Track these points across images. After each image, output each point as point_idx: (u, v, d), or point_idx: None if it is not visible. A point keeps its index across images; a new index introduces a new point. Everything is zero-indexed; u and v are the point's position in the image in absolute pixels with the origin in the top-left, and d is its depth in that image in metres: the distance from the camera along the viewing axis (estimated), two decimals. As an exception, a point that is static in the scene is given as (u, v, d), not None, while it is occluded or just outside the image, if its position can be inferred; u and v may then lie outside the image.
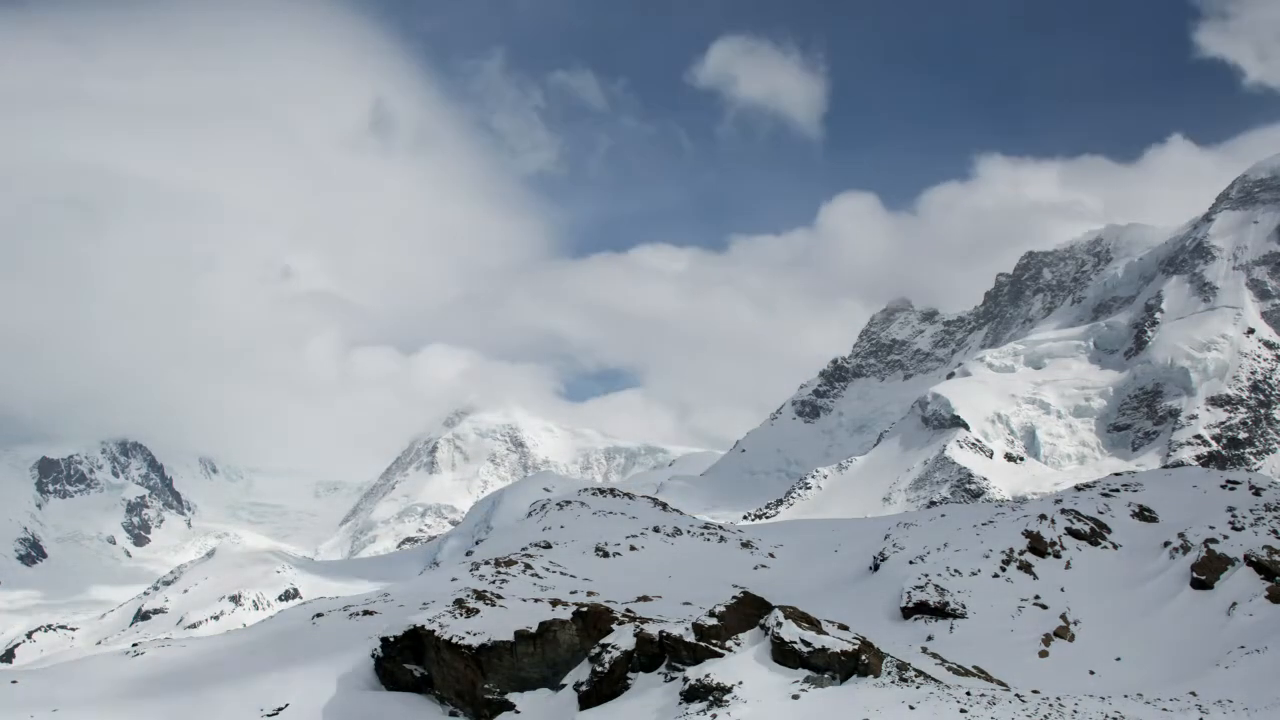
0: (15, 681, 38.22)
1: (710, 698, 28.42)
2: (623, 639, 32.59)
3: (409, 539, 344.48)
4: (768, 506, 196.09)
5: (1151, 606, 38.47)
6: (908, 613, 39.36)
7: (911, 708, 25.71)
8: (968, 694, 27.10)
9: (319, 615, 42.78)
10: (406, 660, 34.82)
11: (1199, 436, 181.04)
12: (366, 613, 41.78)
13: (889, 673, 29.17)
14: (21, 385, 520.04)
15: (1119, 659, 34.92)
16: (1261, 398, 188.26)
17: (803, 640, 29.38)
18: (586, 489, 69.84)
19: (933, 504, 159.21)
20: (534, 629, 33.72)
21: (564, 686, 33.05)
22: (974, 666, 33.16)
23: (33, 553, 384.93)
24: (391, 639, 35.13)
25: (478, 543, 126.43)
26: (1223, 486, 49.30)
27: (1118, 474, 61.26)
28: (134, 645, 43.86)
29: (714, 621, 31.57)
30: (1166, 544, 42.27)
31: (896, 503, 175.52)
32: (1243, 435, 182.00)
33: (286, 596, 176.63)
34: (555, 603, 35.83)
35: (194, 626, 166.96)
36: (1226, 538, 40.74)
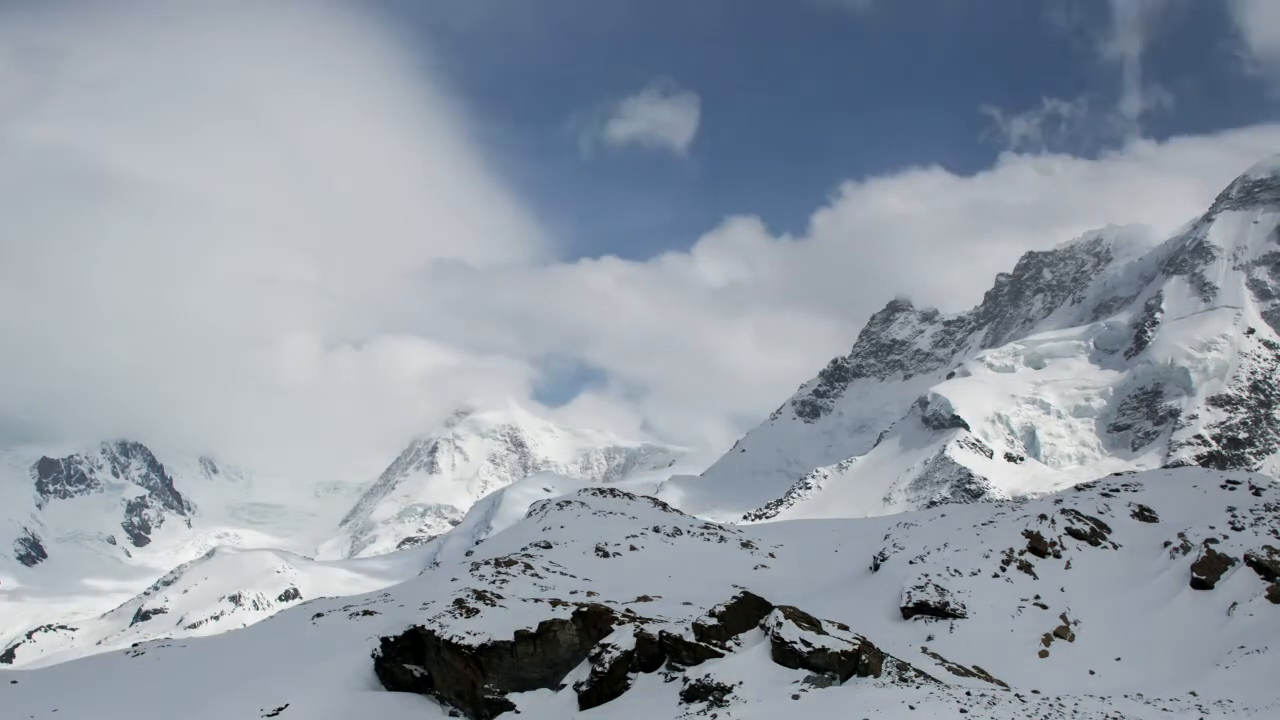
0: (15, 681, 38.29)
1: (710, 698, 28.44)
2: (623, 639, 32.57)
3: (409, 539, 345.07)
4: (768, 506, 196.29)
5: (1151, 606, 38.41)
6: (908, 613, 39.31)
7: (912, 708, 25.70)
8: (968, 694, 27.10)
9: (319, 615, 42.71)
10: (407, 660, 34.76)
11: (1199, 436, 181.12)
12: (366, 613, 41.70)
13: (889, 673, 29.18)
14: (22, 385, 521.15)
15: (1119, 659, 34.88)
16: (1261, 398, 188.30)
17: (803, 640, 29.39)
18: (586, 489, 69.82)
19: (933, 504, 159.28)
20: (534, 629, 33.66)
21: (564, 686, 32.99)
22: (974, 666, 33.15)
23: (33, 553, 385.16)
24: (391, 639, 35.08)
25: (478, 543, 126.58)
26: (1223, 486, 49.20)
27: (1118, 474, 61.18)
28: (134, 645, 43.86)
29: (714, 621, 31.59)
30: (1166, 544, 42.21)
31: (896, 503, 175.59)
32: (1243, 435, 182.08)
33: (286, 596, 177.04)
34: (555, 603, 35.76)
35: (194, 626, 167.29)
36: (1226, 538, 40.67)
